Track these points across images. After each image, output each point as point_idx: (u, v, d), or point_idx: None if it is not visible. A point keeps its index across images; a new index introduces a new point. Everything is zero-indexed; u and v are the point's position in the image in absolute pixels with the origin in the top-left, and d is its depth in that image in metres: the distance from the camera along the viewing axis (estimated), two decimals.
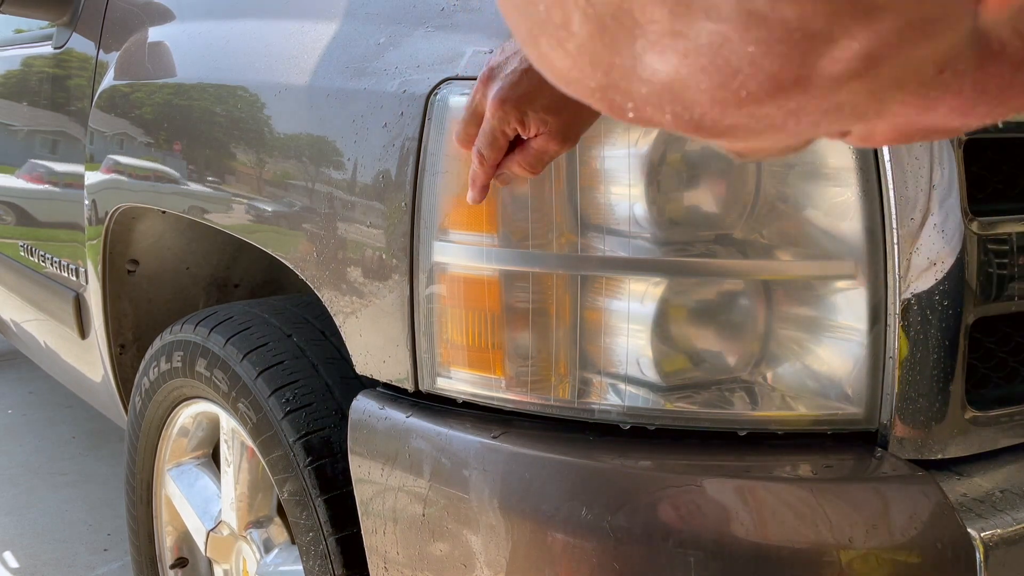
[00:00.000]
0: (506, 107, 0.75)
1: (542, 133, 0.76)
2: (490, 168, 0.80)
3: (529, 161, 0.78)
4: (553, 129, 0.75)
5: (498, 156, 0.79)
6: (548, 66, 0.27)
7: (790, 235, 0.89)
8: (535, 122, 0.75)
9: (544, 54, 0.27)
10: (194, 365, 1.37)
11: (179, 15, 1.54)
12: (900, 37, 0.21)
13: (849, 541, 0.83)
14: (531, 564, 0.90)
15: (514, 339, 0.94)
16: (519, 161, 0.78)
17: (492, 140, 0.78)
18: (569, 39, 0.25)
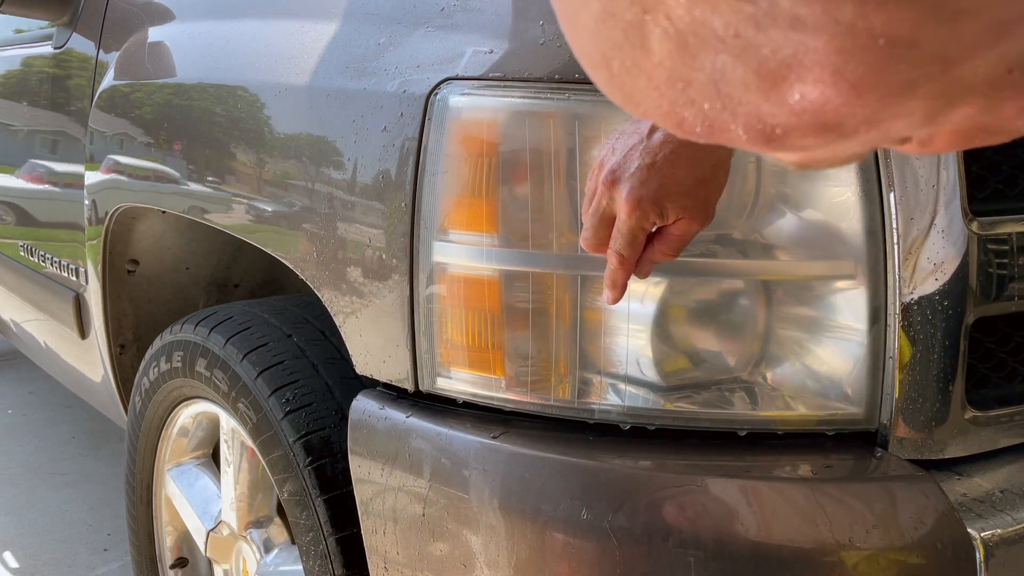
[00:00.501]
0: (643, 205, 0.73)
1: (681, 219, 0.74)
2: (630, 266, 0.78)
3: (672, 247, 0.77)
4: (692, 211, 0.74)
5: (638, 253, 0.77)
6: (618, 89, 0.27)
7: (790, 235, 0.89)
8: (674, 210, 0.74)
9: (615, 76, 0.27)
10: (194, 365, 1.37)
11: (179, 15, 1.54)
12: (979, 40, 0.21)
13: (849, 541, 0.83)
14: (531, 564, 0.90)
15: (514, 339, 0.94)
16: (661, 250, 0.77)
17: (632, 239, 0.76)
18: (646, 59, 0.25)
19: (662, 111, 0.27)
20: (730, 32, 0.22)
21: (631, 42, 0.25)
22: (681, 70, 0.24)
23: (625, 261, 0.78)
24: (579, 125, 0.89)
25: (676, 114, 0.26)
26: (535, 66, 0.91)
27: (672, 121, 0.27)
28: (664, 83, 0.25)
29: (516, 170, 0.91)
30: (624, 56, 0.26)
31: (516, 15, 0.95)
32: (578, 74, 0.89)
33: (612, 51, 0.26)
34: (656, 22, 0.24)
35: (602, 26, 0.26)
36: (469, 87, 0.94)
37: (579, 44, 0.28)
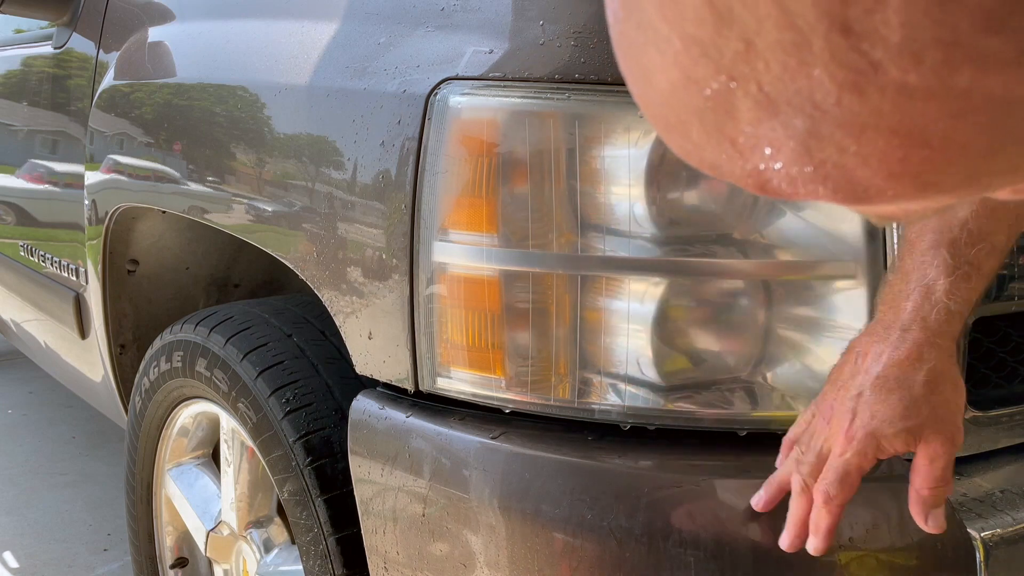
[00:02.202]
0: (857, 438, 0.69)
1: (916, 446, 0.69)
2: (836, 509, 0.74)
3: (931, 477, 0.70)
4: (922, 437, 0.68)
5: (848, 496, 0.73)
6: (696, 153, 0.27)
7: (790, 235, 0.89)
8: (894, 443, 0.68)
9: (694, 141, 0.26)
10: (194, 365, 1.37)
11: (179, 15, 1.54)
12: None
13: (849, 541, 0.83)
14: (531, 564, 0.90)
15: (514, 339, 0.94)
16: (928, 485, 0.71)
17: (844, 475, 0.71)
18: (730, 125, 0.24)
19: (745, 174, 0.26)
20: (830, 100, 0.22)
21: (715, 108, 0.24)
22: (770, 136, 0.24)
23: (831, 501, 0.73)
24: (579, 125, 0.89)
25: (760, 176, 0.26)
26: (535, 66, 0.91)
27: (754, 183, 0.26)
28: (749, 148, 0.25)
29: (516, 170, 0.91)
30: (706, 123, 0.25)
31: (516, 15, 0.95)
32: (578, 74, 0.89)
33: (692, 116, 0.25)
34: (746, 90, 0.23)
35: (682, 92, 0.25)
36: (469, 87, 0.94)
37: (653, 107, 0.27)
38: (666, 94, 0.25)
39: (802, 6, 0.21)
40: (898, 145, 0.22)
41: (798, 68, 0.22)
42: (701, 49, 0.23)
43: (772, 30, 0.21)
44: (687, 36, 0.23)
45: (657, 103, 0.26)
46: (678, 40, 0.24)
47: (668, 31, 0.24)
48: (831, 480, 0.72)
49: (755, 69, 0.22)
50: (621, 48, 0.27)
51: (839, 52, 0.21)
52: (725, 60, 0.23)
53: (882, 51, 0.20)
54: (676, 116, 0.26)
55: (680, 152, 0.28)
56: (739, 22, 0.22)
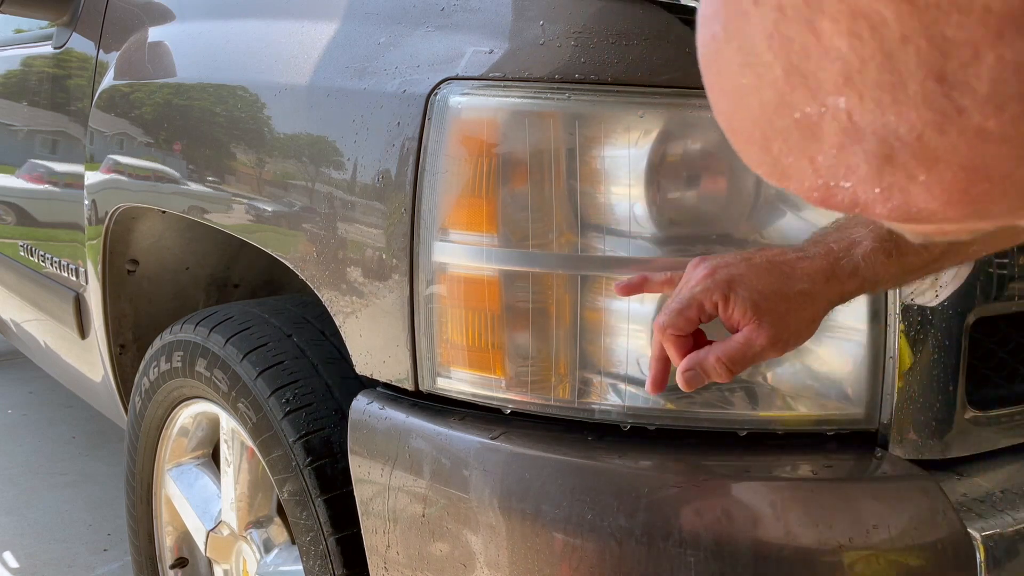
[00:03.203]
0: (715, 277, 0.70)
1: (748, 323, 0.69)
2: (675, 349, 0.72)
3: (730, 355, 0.70)
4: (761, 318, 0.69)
5: (683, 328, 0.72)
6: (771, 166, 0.29)
7: (790, 235, 0.89)
8: (740, 303, 0.69)
9: (773, 156, 0.29)
10: (194, 365, 1.37)
11: (179, 15, 1.54)
12: None
13: (849, 541, 0.83)
14: (531, 564, 0.90)
15: (514, 339, 0.94)
16: (718, 354, 0.70)
17: (684, 307, 0.71)
18: (813, 146, 0.27)
19: (814, 189, 0.28)
20: (912, 135, 0.24)
21: (801, 130, 0.27)
22: (849, 160, 0.26)
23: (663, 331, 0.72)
24: (579, 125, 0.89)
25: (827, 192, 0.28)
26: (535, 66, 0.91)
27: (819, 196, 0.29)
28: (826, 168, 0.27)
29: (516, 170, 0.91)
30: (790, 141, 0.27)
31: (516, 15, 0.95)
32: (578, 74, 0.89)
33: (777, 135, 0.28)
34: (836, 118, 0.26)
35: (773, 113, 0.27)
36: (469, 87, 0.94)
37: (737, 122, 0.29)
38: (756, 113, 0.28)
39: (906, 55, 0.23)
40: (963, 178, 0.25)
41: (890, 105, 0.24)
42: (802, 79, 0.26)
43: (873, 71, 0.24)
44: (791, 66, 0.26)
45: (744, 119, 0.29)
46: (780, 68, 0.26)
47: (772, 59, 0.26)
48: (670, 309, 0.72)
49: (849, 101, 0.25)
50: (714, 65, 0.29)
51: (931, 96, 0.24)
52: (823, 90, 0.26)
53: (970, 99, 0.23)
54: (761, 133, 0.28)
55: (751, 162, 0.30)
56: (844, 60, 0.25)
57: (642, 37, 0.89)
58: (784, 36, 0.25)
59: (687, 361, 0.72)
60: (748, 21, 0.26)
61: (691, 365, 0.72)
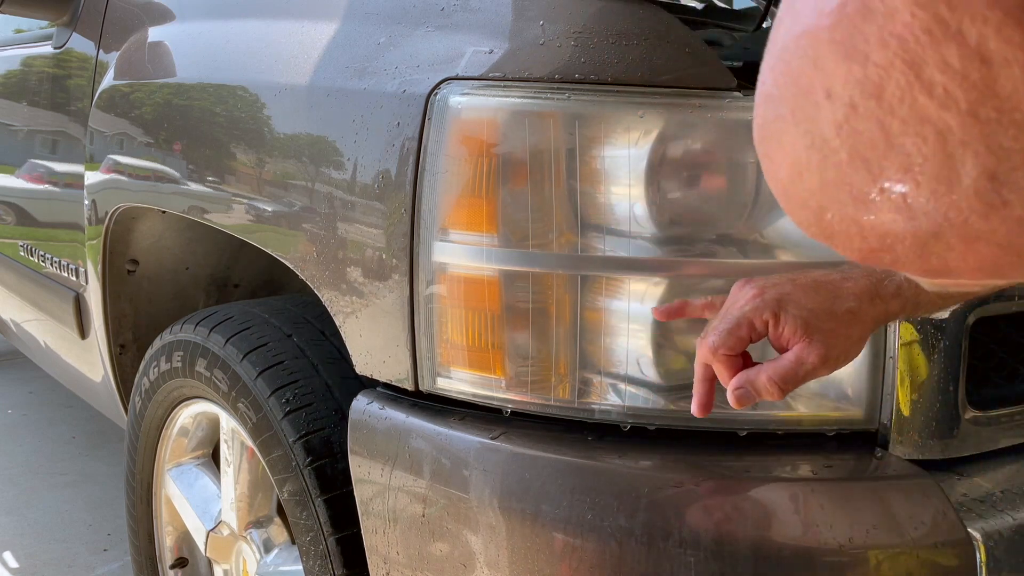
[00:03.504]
0: (765, 296, 0.70)
1: (799, 341, 0.69)
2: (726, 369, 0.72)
3: (781, 374, 0.69)
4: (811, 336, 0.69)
5: (735, 348, 0.72)
6: (820, 230, 0.32)
7: (790, 235, 0.89)
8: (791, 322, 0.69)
9: (824, 222, 0.32)
10: (194, 365, 1.37)
11: (179, 15, 1.54)
12: None
13: (849, 541, 0.83)
14: (531, 564, 0.90)
15: (514, 339, 0.94)
16: (770, 373, 0.70)
17: (735, 327, 0.71)
18: (866, 218, 0.30)
19: (857, 251, 0.32)
20: (960, 219, 0.28)
21: (857, 205, 0.30)
22: (899, 233, 0.30)
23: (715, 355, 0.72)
24: (579, 125, 0.89)
25: (870, 254, 0.32)
26: (535, 66, 0.91)
27: (860, 256, 0.32)
28: (874, 236, 0.31)
29: (516, 170, 0.91)
30: (844, 212, 0.31)
31: (516, 15, 0.95)
32: (578, 74, 0.89)
33: (833, 206, 0.31)
34: (891, 199, 0.29)
35: (833, 188, 0.30)
36: (469, 87, 0.94)
37: (794, 191, 0.32)
38: (814, 186, 0.31)
39: (964, 157, 0.27)
40: (997, 254, 0.29)
41: (944, 195, 0.28)
42: (865, 165, 0.29)
43: (934, 166, 0.28)
44: (856, 153, 0.29)
45: (801, 190, 0.32)
46: (846, 154, 0.29)
47: (839, 145, 0.29)
48: (721, 329, 0.72)
49: (907, 187, 0.28)
50: (775, 141, 0.32)
51: (982, 191, 0.27)
52: (884, 176, 0.29)
53: (1016, 195, 0.27)
54: (817, 203, 0.31)
55: (800, 223, 0.34)
56: (907, 155, 0.28)
57: (642, 37, 0.89)
58: (853, 128, 0.29)
59: (737, 380, 0.72)
60: (819, 111, 0.29)
61: (742, 383, 0.71)
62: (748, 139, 0.88)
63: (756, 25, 1.20)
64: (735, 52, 1.05)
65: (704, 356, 0.74)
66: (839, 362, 0.72)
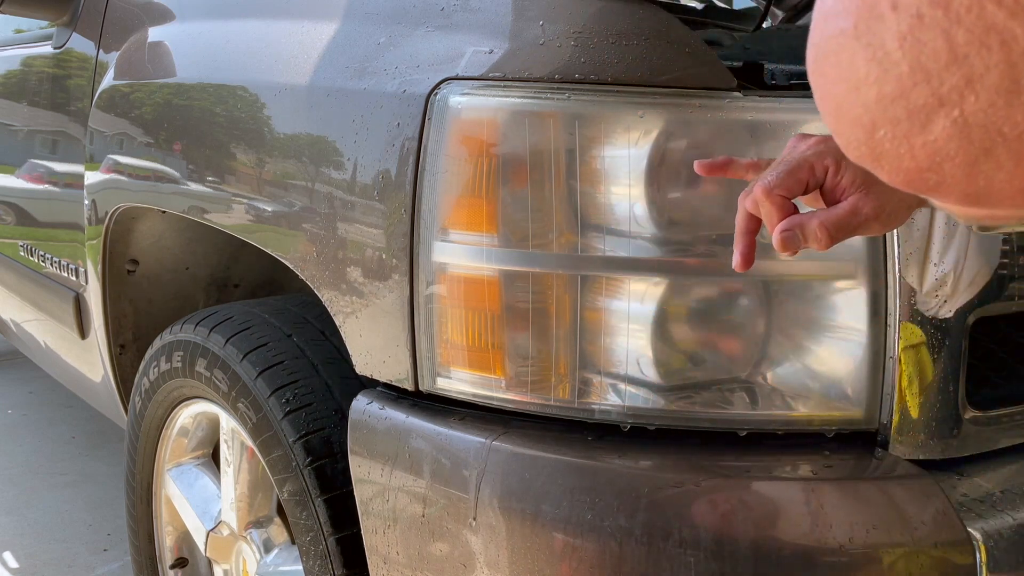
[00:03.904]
0: (828, 144, 0.68)
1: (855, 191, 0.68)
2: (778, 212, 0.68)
3: (835, 220, 0.67)
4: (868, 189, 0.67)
5: (792, 189, 0.69)
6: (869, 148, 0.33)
7: None
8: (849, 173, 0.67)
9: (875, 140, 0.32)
10: (194, 365, 1.37)
11: (179, 15, 1.54)
12: None
13: (849, 541, 0.83)
14: (531, 564, 0.90)
15: (514, 339, 0.94)
16: (822, 219, 0.67)
17: (795, 168, 0.68)
18: (919, 136, 0.30)
19: (903, 171, 0.32)
20: (1015, 133, 0.28)
21: (912, 120, 0.30)
22: (949, 151, 0.30)
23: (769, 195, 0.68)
24: (579, 125, 0.89)
25: (916, 176, 0.32)
26: (535, 66, 0.91)
27: (904, 179, 0.33)
28: (924, 154, 0.31)
29: (516, 170, 0.91)
30: (898, 128, 0.31)
31: (516, 15, 0.95)
32: (578, 74, 0.89)
33: (886, 122, 0.31)
34: (948, 113, 0.29)
35: (889, 102, 0.31)
36: (469, 87, 0.94)
37: (847, 107, 0.33)
38: (870, 101, 0.31)
39: None
40: None
41: (1003, 107, 0.28)
42: (925, 76, 0.29)
43: (995, 77, 0.28)
44: (918, 64, 0.29)
45: (855, 105, 0.32)
46: (907, 66, 0.30)
47: (901, 57, 0.30)
48: (780, 171, 0.68)
49: (965, 100, 0.29)
50: (834, 56, 0.33)
51: None
52: (943, 88, 0.29)
53: None
54: (871, 119, 0.32)
55: (848, 142, 0.34)
56: (969, 65, 0.28)
57: (642, 37, 0.89)
58: (917, 39, 0.29)
59: (787, 222, 0.68)
60: (883, 23, 0.30)
61: (791, 226, 0.68)
62: (748, 139, 0.88)
63: (756, 25, 1.20)
64: (735, 52, 1.05)
65: (754, 202, 0.70)
66: (890, 221, 0.70)
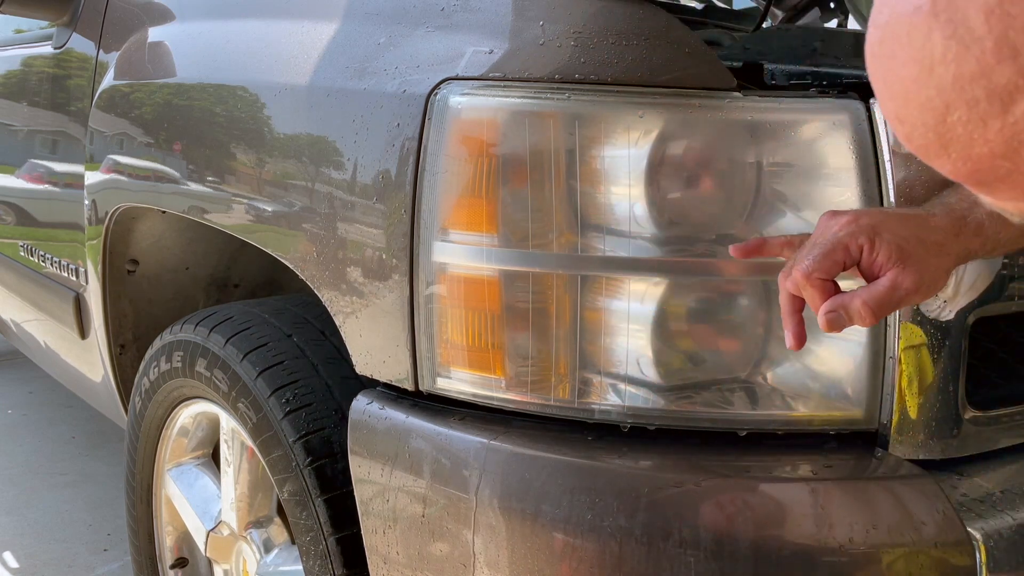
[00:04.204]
0: (860, 223, 0.69)
1: (893, 267, 0.69)
2: (819, 294, 0.71)
3: (876, 298, 0.69)
4: (906, 262, 0.69)
5: (830, 271, 0.71)
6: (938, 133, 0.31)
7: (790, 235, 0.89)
8: (886, 248, 0.69)
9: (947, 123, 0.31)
10: (194, 365, 1.37)
11: (179, 15, 1.54)
12: None
13: (849, 541, 0.83)
14: (531, 564, 0.90)
15: (514, 339, 0.94)
16: (864, 298, 0.69)
17: (830, 251, 0.70)
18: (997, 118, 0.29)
19: (971, 159, 0.31)
20: None
21: (991, 100, 0.29)
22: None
23: (809, 279, 0.71)
24: (579, 125, 0.89)
25: (985, 164, 0.31)
26: (535, 66, 0.91)
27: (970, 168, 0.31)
28: (1001, 141, 0.30)
29: (516, 170, 0.91)
30: (974, 110, 0.30)
31: (516, 15, 0.95)
32: (578, 74, 0.89)
33: (962, 104, 0.30)
34: None
35: (967, 82, 0.29)
36: (469, 87, 0.94)
37: (919, 89, 0.31)
38: (946, 82, 0.30)
39: None
40: None
41: None
42: (1012, 53, 0.28)
43: None
44: (1004, 40, 0.28)
45: (928, 87, 0.31)
46: (992, 41, 0.28)
47: (985, 32, 0.28)
48: (816, 254, 0.71)
49: None
50: (906, 36, 0.31)
51: None
52: None
53: None
54: (944, 101, 0.30)
55: (914, 127, 0.32)
56: None
57: (642, 37, 0.89)
58: (1006, 12, 0.28)
59: (830, 303, 0.70)
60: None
61: (835, 307, 0.70)
62: (748, 139, 0.88)
63: (756, 25, 1.20)
64: (735, 52, 1.05)
65: (795, 284, 0.72)
66: (928, 291, 0.71)
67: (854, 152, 0.87)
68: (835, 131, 0.88)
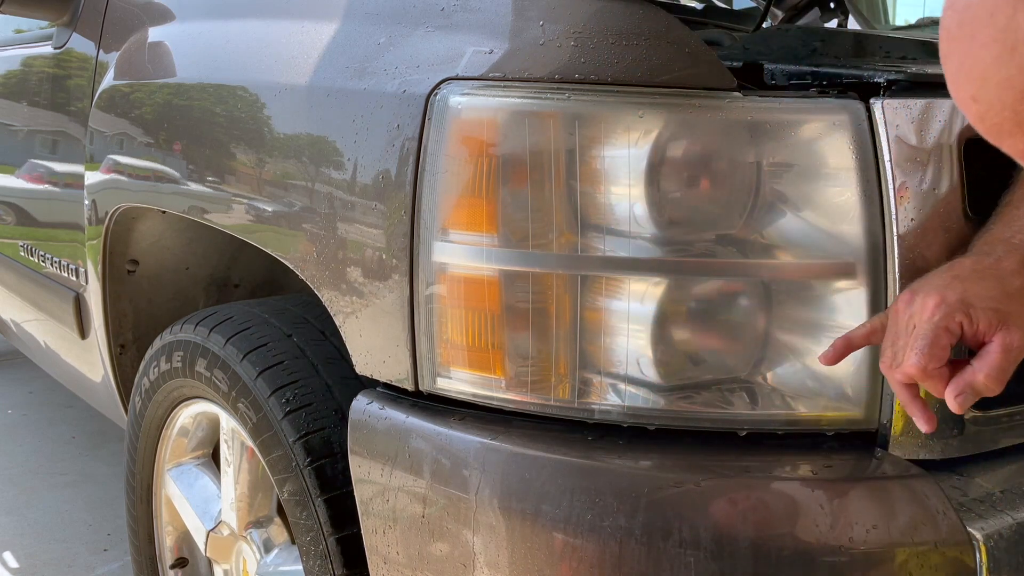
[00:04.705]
0: (948, 301, 0.69)
1: (996, 331, 0.69)
2: (940, 381, 0.72)
3: (995, 368, 0.69)
4: (1008, 324, 0.69)
5: (942, 359, 0.71)
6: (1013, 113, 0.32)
7: (790, 235, 0.89)
8: (984, 315, 0.69)
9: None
10: (194, 365, 1.37)
11: (179, 15, 1.54)
12: None
13: (849, 541, 0.83)
14: (531, 564, 0.90)
15: (514, 339, 0.94)
16: (985, 372, 0.70)
17: (935, 340, 0.70)
18: None
19: None
20: None
21: None
22: None
23: (926, 372, 0.71)
24: (579, 125, 0.89)
25: None
26: (535, 66, 0.91)
27: None
28: None
29: (516, 170, 0.91)
30: None
31: (516, 15, 0.95)
32: (578, 74, 0.89)
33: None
34: None
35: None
36: (469, 87, 0.94)
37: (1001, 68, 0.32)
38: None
39: None
40: None
41: None
42: None
43: None
44: None
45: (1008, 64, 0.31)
46: None
47: None
48: (922, 346, 0.71)
49: None
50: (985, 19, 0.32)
51: None
52: None
53: None
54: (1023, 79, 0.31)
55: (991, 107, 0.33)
56: None
57: (642, 37, 0.89)
58: None
59: (956, 386, 0.72)
60: None
61: (961, 389, 0.71)
62: (748, 139, 0.88)
63: (756, 25, 1.20)
64: (735, 52, 1.05)
65: (911, 378, 0.74)
66: None
67: (854, 152, 0.87)
68: (835, 131, 0.88)
